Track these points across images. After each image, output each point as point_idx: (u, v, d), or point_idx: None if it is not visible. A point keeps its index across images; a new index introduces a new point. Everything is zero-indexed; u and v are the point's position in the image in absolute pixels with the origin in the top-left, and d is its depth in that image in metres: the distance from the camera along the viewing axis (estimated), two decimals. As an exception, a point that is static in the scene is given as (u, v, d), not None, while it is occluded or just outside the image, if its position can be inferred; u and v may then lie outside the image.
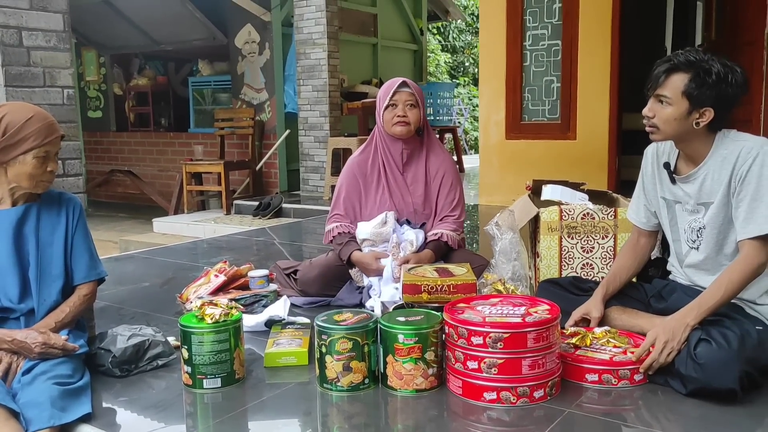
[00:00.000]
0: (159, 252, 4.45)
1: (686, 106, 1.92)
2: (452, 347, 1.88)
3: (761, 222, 1.87)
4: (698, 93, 1.90)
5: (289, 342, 2.25)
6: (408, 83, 2.80)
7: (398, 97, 2.76)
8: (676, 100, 1.92)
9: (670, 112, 1.93)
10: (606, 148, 5.29)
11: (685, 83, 1.91)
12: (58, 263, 2.10)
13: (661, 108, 1.95)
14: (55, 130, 2.01)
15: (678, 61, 1.93)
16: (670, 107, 1.93)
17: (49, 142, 1.98)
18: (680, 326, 1.87)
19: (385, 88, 2.82)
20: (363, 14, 8.76)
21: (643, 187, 2.25)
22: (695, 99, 1.91)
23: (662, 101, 1.95)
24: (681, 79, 1.91)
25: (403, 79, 2.82)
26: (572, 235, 2.66)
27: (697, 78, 1.90)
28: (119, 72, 9.76)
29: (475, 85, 16.89)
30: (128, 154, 9.31)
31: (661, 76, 1.94)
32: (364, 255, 2.76)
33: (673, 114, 1.93)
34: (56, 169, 2.05)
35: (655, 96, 1.96)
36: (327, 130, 6.95)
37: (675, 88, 1.92)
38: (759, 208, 1.87)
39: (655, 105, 1.97)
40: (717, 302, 1.88)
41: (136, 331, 2.22)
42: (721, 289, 1.88)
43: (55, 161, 2.04)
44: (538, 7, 5.49)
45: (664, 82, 1.93)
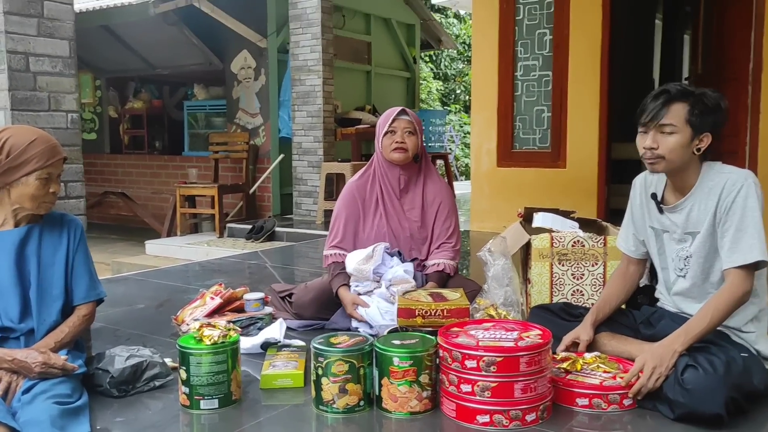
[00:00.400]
0: (153, 274, 4.47)
1: (690, 133, 1.99)
2: (446, 370, 1.92)
3: (745, 251, 1.93)
4: (699, 120, 1.98)
5: (285, 364, 2.28)
6: (407, 111, 2.87)
7: (397, 125, 2.83)
8: (681, 128, 1.99)
9: (676, 140, 1.99)
10: (595, 176, 5.38)
11: (686, 111, 1.99)
12: (59, 284, 2.13)
13: (665, 138, 2.00)
14: (57, 153, 2.05)
15: (674, 91, 2.00)
16: (676, 135, 1.99)
17: (52, 164, 2.02)
18: (668, 352, 1.92)
19: (385, 116, 2.89)
20: (357, 42, 8.91)
21: (632, 216, 2.31)
22: (697, 126, 1.99)
23: (666, 131, 2.00)
24: (682, 107, 1.99)
25: (402, 107, 2.89)
26: (563, 262, 2.72)
27: (696, 106, 1.98)
28: (115, 95, 9.84)
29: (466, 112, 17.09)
30: (122, 176, 9.35)
31: (661, 108, 2.00)
32: (346, 296, 2.79)
33: (679, 141, 1.99)
34: (58, 190, 2.08)
35: (658, 127, 2.01)
36: (321, 155, 7.02)
37: (678, 116, 1.99)
38: (743, 238, 1.94)
39: (657, 136, 2.01)
40: (703, 329, 1.94)
41: (134, 351, 2.24)
42: (708, 316, 1.94)
43: (58, 183, 2.08)
44: (529, 39, 5.61)
45: (666, 113, 1.99)
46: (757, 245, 1.93)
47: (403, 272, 2.75)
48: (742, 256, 1.94)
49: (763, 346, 2.05)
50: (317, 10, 6.90)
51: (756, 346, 2.03)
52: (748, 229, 1.94)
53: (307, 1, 6.95)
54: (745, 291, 1.94)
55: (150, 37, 8.06)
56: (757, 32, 4.62)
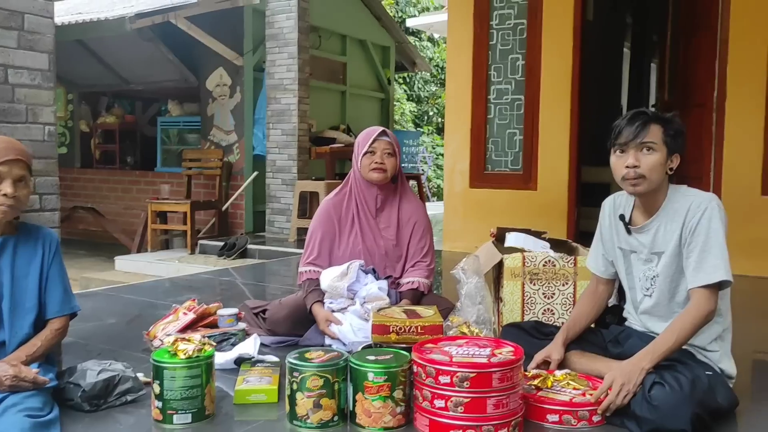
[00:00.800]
0: (123, 290, 4.42)
1: (665, 152, 2.08)
2: (420, 386, 1.95)
3: (710, 271, 2.00)
4: (672, 141, 2.09)
5: (259, 379, 2.29)
6: (387, 133, 2.91)
7: (377, 145, 2.86)
8: (660, 147, 2.08)
9: (657, 158, 2.07)
10: (566, 199, 5.48)
11: (662, 131, 2.08)
12: (32, 296, 2.11)
13: (646, 156, 2.07)
14: (8, 153, 1.98)
15: (650, 113, 2.12)
16: (656, 153, 2.07)
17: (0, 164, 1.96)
18: (636, 370, 1.97)
19: (365, 135, 2.92)
20: (333, 62, 8.99)
21: (601, 237, 2.38)
22: (670, 147, 2.09)
23: (647, 149, 2.07)
24: (658, 128, 2.09)
25: (383, 128, 2.93)
26: (534, 281, 2.77)
27: (669, 127, 2.09)
28: (87, 109, 9.74)
29: (438, 134, 17.26)
30: (92, 191, 9.23)
31: (641, 127, 2.08)
32: (319, 313, 2.80)
33: (659, 159, 2.07)
34: (11, 194, 1.98)
35: (639, 145, 2.07)
36: (295, 173, 7.04)
37: (657, 136, 2.08)
38: (707, 259, 2.01)
39: (638, 154, 2.08)
40: (670, 347, 2.00)
41: (106, 366, 2.22)
42: (674, 335, 2.00)
43: (14, 186, 1.98)
44: (502, 63, 5.73)
45: (646, 132, 2.07)
46: (721, 265, 2.00)
47: (377, 290, 2.78)
48: (707, 276, 2.00)
49: (726, 365, 2.12)
50: (294, 30, 6.95)
51: (719, 365, 2.10)
52: (712, 250, 2.01)
53: (284, 21, 7.01)
54: (710, 310, 2.01)
55: (125, 52, 8.02)
56: (721, 61, 4.78)
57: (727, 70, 4.75)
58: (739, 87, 4.72)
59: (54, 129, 2.45)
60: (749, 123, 4.69)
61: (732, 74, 4.74)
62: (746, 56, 4.68)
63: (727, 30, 4.74)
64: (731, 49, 4.73)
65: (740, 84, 4.71)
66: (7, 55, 2.30)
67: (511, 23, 5.66)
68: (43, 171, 2.44)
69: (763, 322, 3.33)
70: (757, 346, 3.08)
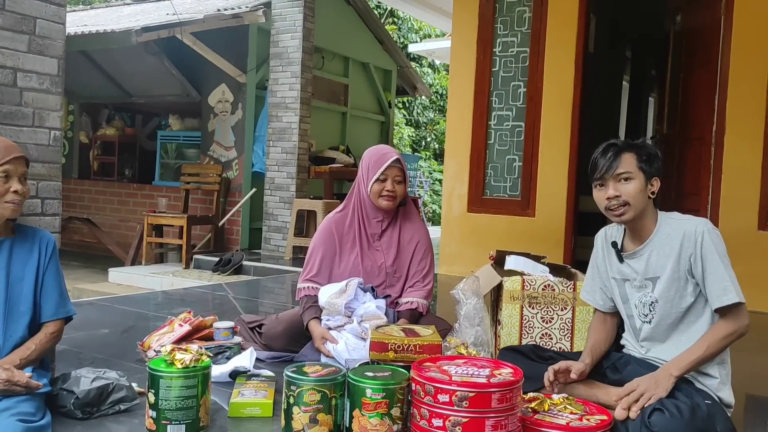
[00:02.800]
0: (117, 300, 4.40)
1: (643, 178, 2.12)
2: (418, 404, 1.93)
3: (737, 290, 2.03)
4: (648, 165, 2.13)
5: (254, 393, 2.27)
6: (400, 160, 2.88)
7: (389, 172, 2.84)
8: (636, 174, 2.12)
9: (635, 185, 2.11)
10: (563, 227, 5.49)
11: (635, 158, 2.13)
12: (27, 299, 2.10)
13: (624, 185, 2.12)
14: (12, 151, 2.01)
15: (621, 143, 2.16)
16: (633, 181, 2.11)
17: (7, 162, 1.98)
18: (665, 375, 2.00)
19: (376, 159, 2.88)
20: (335, 84, 9.05)
21: (597, 270, 2.39)
22: (647, 171, 2.13)
23: (623, 179, 2.11)
24: (631, 156, 2.13)
25: (396, 154, 2.89)
26: (533, 305, 2.77)
27: (642, 153, 2.14)
28: (87, 120, 9.76)
29: (435, 159, 17.34)
30: (88, 202, 9.20)
31: (614, 159, 2.13)
32: (316, 330, 2.79)
33: (638, 186, 2.11)
34: (22, 191, 2.02)
35: (615, 177, 2.12)
36: (293, 191, 7.05)
37: (630, 164, 2.12)
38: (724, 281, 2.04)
39: (617, 185, 2.13)
40: (700, 357, 2.02)
41: (100, 374, 2.21)
42: (705, 344, 2.03)
43: (21, 183, 2.02)
44: (504, 90, 5.79)
45: (619, 162, 2.12)
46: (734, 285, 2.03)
47: (375, 308, 2.77)
48: (736, 294, 2.02)
49: (725, 394, 2.11)
50: (298, 50, 7.02)
51: (718, 393, 2.09)
52: (728, 270, 2.05)
53: (289, 41, 7.07)
54: (745, 324, 2.04)
55: (129, 65, 8.06)
56: (720, 96, 4.84)
57: (727, 105, 4.81)
58: (738, 122, 4.77)
59: (59, 134, 2.46)
60: (747, 158, 4.74)
61: (731, 109, 4.79)
62: (746, 92, 4.73)
63: (728, 66, 4.80)
64: (731, 85, 4.79)
65: (739, 119, 4.76)
66: (17, 58, 2.31)
67: (513, 51, 5.72)
68: (46, 175, 2.44)
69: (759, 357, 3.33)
70: (753, 379, 3.07)
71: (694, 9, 5.32)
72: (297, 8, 7.03)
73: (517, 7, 5.70)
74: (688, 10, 5.43)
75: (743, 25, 4.75)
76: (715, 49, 4.89)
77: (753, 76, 4.71)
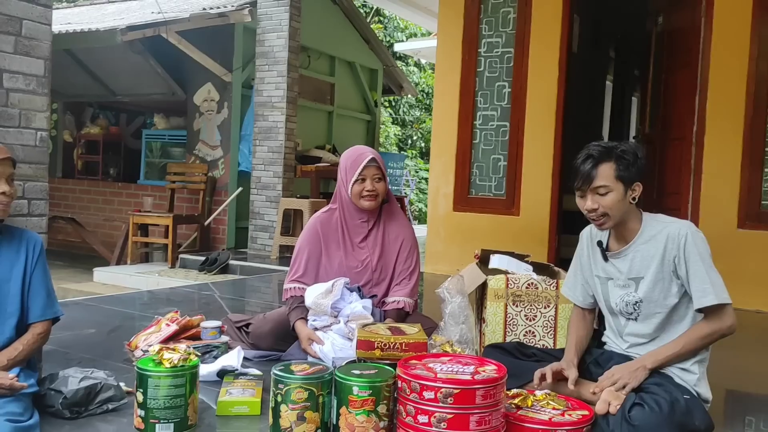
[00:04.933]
0: (102, 300, 4.39)
1: (622, 187, 2.15)
2: (404, 401, 1.96)
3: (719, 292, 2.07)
4: (626, 173, 2.14)
5: (242, 392, 2.29)
6: (376, 159, 2.89)
7: (367, 172, 2.85)
8: (614, 186, 2.14)
9: (613, 197, 2.14)
10: (547, 225, 5.56)
11: (614, 169, 2.13)
12: (15, 300, 2.11)
13: (602, 198, 2.14)
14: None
15: (597, 153, 2.15)
16: (612, 193, 2.14)
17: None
18: (637, 366, 2.07)
19: (353, 160, 2.89)
20: (321, 82, 9.06)
21: (580, 267, 2.43)
22: (626, 179, 2.15)
23: (601, 192, 2.14)
24: (608, 167, 2.14)
25: (371, 153, 2.90)
26: (517, 303, 2.81)
27: (620, 162, 2.14)
28: (71, 119, 9.70)
29: (421, 158, 17.39)
30: (72, 201, 9.15)
31: (591, 172, 2.14)
32: (302, 330, 2.81)
33: (616, 198, 2.14)
34: (9, 192, 2.03)
35: (592, 190, 2.15)
36: (279, 190, 7.06)
37: (608, 176, 2.13)
38: (716, 282, 2.09)
39: (594, 197, 2.15)
40: (674, 353, 2.09)
41: (88, 373, 2.22)
42: (681, 343, 2.10)
43: (8, 184, 2.03)
44: (489, 90, 5.83)
45: (596, 176, 2.13)
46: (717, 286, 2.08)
47: (361, 308, 2.78)
48: (719, 296, 2.07)
49: (703, 389, 2.17)
50: (284, 49, 7.02)
51: (696, 389, 2.14)
52: (711, 273, 2.10)
53: (275, 40, 7.07)
54: (727, 325, 2.09)
55: (114, 64, 8.02)
56: (701, 97, 4.92)
57: (707, 106, 4.89)
58: (718, 122, 4.85)
59: (46, 135, 2.46)
60: (727, 157, 4.82)
61: (711, 109, 4.87)
62: (726, 92, 4.81)
63: (708, 67, 4.88)
64: (711, 85, 4.87)
65: (719, 119, 4.84)
66: (3, 59, 2.31)
67: (498, 51, 5.77)
68: (32, 176, 2.44)
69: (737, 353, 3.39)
70: (731, 375, 3.14)
71: (674, 10, 5.40)
72: (283, 7, 7.04)
73: (502, 8, 5.75)
74: (669, 11, 5.50)
75: (723, 26, 4.83)
76: (695, 50, 4.96)
77: (733, 77, 4.79)
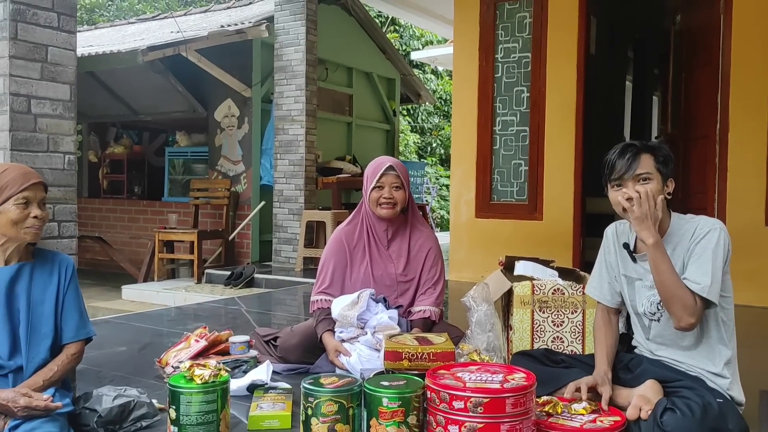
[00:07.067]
0: (132, 318, 4.45)
1: (660, 179, 2.13)
2: (434, 411, 1.96)
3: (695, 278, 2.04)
4: (664, 167, 2.14)
5: (272, 405, 2.31)
6: (394, 166, 2.91)
7: (384, 180, 2.88)
8: (655, 175, 2.12)
9: (654, 186, 2.11)
10: (571, 229, 5.52)
11: (653, 160, 2.13)
12: (48, 322, 2.14)
13: (644, 186, 2.10)
14: (30, 177, 2.07)
15: (640, 144, 2.16)
16: (652, 182, 2.11)
17: (27, 188, 2.04)
18: None
19: (373, 169, 2.93)
20: (339, 94, 9.12)
21: (606, 265, 2.40)
22: (663, 173, 2.14)
23: (643, 179, 2.11)
24: (649, 157, 2.13)
25: (390, 162, 2.93)
26: (543, 309, 2.80)
27: (658, 155, 2.14)
28: (95, 140, 9.86)
29: (441, 165, 17.38)
30: (99, 220, 9.29)
31: (633, 159, 2.12)
32: (329, 342, 2.82)
33: (656, 187, 2.11)
34: (42, 215, 2.08)
35: (635, 177, 2.12)
36: (302, 203, 7.10)
37: (649, 165, 2.13)
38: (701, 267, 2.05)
39: (636, 186, 2.11)
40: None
41: (121, 391, 2.26)
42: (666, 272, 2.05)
43: (41, 208, 2.08)
44: (507, 96, 5.83)
45: (639, 163, 2.12)
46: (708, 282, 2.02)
47: (387, 319, 2.80)
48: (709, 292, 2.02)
49: (736, 392, 2.14)
50: (302, 63, 7.08)
51: (729, 392, 2.12)
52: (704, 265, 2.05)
53: (292, 54, 7.14)
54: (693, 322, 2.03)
55: (136, 84, 8.16)
56: (723, 94, 4.86)
57: (729, 103, 4.83)
58: (741, 119, 4.79)
59: (73, 158, 2.52)
60: (752, 154, 4.76)
61: (734, 107, 4.82)
62: (747, 89, 4.76)
63: (729, 64, 4.83)
64: (732, 82, 4.81)
65: (742, 116, 4.79)
66: (30, 86, 2.37)
67: (515, 57, 5.77)
68: (62, 199, 2.49)
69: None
70: (763, 376, 3.08)
71: (693, 8, 5.35)
72: (299, 22, 7.10)
73: (518, 13, 5.75)
74: (687, 9, 5.46)
75: (742, 22, 4.78)
76: (715, 48, 4.92)
77: (754, 73, 4.74)
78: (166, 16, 10.43)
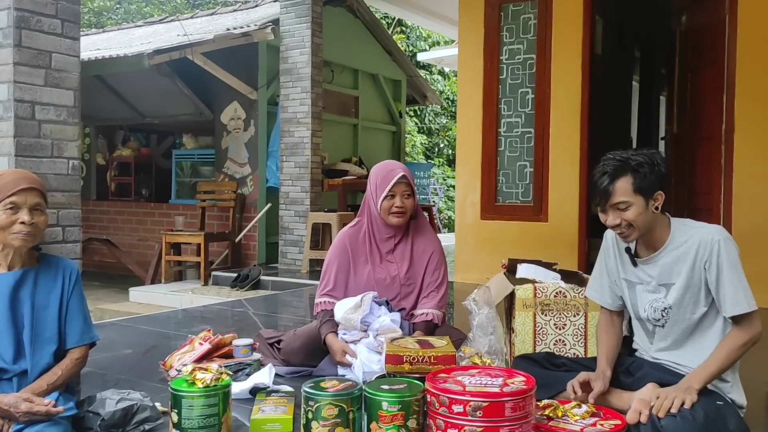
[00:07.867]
0: (138, 320, 4.48)
1: (642, 199, 2.11)
2: (434, 415, 1.97)
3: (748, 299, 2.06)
4: (645, 184, 2.10)
5: (274, 409, 2.32)
6: (406, 175, 2.91)
7: (396, 189, 2.89)
8: (634, 199, 2.10)
9: (634, 210, 2.10)
10: (576, 230, 5.51)
11: (631, 183, 2.09)
12: (52, 326, 2.16)
13: (624, 212, 2.11)
14: (20, 183, 2.05)
15: (612, 169, 2.12)
16: (632, 207, 2.10)
17: (15, 193, 2.03)
18: (686, 386, 2.00)
19: (383, 177, 2.92)
20: (345, 96, 9.14)
21: (606, 269, 2.40)
22: (646, 190, 2.10)
23: (621, 207, 2.11)
24: (625, 181, 2.10)
25: (401, 170, 2.93)
26: (546, 312, 2.80)
27: (636, 175, 2.10)
28: (103, 142, 9.92)
29: (449, 165, 17.36)
30: (107, 223, 9.35)
31: (608, 189, 2.11)
32: (334, 343, 2.83)
33: (637, 211, 2.10)
34: (31, 221, 2.05)
35: (612, 206, 2.12)
36: (307, 205, 7.12)
37: (626, 191, 2.10)
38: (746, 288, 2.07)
39: (616, 213, 2.12)
40: (719, 368, 2.04)
41: (125, 395, 2.27)
42: (723, 355, 2.04)
43: (31, 214, 2.05)
44: (512, 97, 5.82)
45: (613, 192, 2.10)
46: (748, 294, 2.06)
47: (390, 321, 2.80)
48: (748, 304, 2.05)
49: (737, 395, 2.14)
50: (307, 65, 7.11)
51: (730, 395, 2.11)
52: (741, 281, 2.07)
53: (298, 56, 7.17)
54: (758, 332, 2.06)
55: (142, 87, 8.20)
56: (728, 94, 4.84)
57: (735, 103, 4.81)
58: (746, 119, 4.77)
59: (78, 163, 2.54)
60: (758, 155, 4.73)
61: (740, 107, 4.79)
62: (753, 89, 4.74)
63: (734, 64, 4.81)
64: (738, 83, 4.79)
65: (748, 116, 4.76)
66: (34, 92, 2.40)
67: (520, 58, 5.77)
68: (66, 204, 2.52)
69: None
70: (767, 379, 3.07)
71: (698, 8, 5.33)
72: (305, 24, 7.13)
73: (522, 14, 5.75)
74: (693, 9, 5.44)
75: (748, 22, 4.76)
76: (720, 48, 4.90)
77: (760, 73, 4.71)
78: (173, 19, 10.49)
